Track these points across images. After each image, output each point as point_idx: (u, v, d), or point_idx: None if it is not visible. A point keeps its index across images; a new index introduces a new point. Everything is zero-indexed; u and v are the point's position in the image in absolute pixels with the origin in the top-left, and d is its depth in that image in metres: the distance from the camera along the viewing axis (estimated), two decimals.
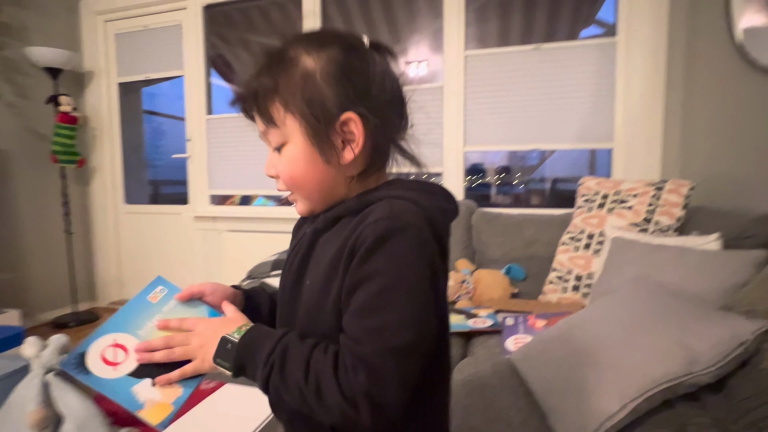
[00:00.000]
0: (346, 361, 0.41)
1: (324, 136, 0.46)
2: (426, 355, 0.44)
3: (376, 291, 0.41)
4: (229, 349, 0.45)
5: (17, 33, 2.51)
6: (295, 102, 0.46)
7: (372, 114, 0.46)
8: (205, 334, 0.48)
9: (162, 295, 0.52)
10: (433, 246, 0.45)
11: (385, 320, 0.41)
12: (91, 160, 2.95)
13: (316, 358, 0.42)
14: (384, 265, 0.42)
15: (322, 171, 0.48)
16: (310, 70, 0.46)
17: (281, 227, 2.52)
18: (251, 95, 0.49)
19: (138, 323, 0.50)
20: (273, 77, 0.47)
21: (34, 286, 2.60)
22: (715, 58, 1.61)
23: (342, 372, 0.40)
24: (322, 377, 0.41)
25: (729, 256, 0.96)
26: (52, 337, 0.64)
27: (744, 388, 0.67)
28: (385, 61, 0.50)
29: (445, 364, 0.52)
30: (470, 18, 2.23)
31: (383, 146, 0.50)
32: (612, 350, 0.79)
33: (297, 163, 0.48)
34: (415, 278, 0.42)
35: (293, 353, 0.43)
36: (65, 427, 0.61)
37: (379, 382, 0.39)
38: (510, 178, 2.86)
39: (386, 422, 0.41)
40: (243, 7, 2.76)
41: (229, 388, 0.86)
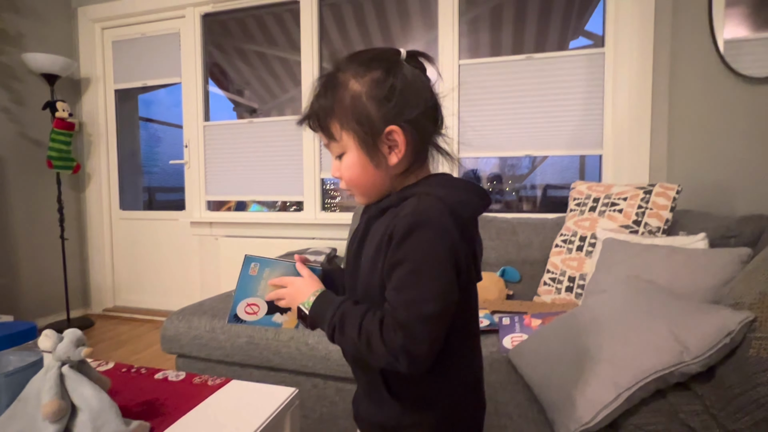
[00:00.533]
0: (388, 324, 0.53)
1: (372, 146, 0.57)
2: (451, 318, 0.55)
3: (407, 272, 0.53)
4: (305, 311, 0.62)
5: (14, 39, 2.53)
6: (348, 121, 0.57)
7: (410, 124, 0.56)
8: (293, 288, 0.66)
9: (258, 267, 0.69)
10: (454, 234, 0.54)
11: (414, 295, 0.52)
12: (86, 167, 2.95)
13: (367, 320, 0.55)
14: (411, 252, 0.53)
15: (373, 173, 0.59)
16: (357, 93, 0.56)
17: (276, 232, 2.54)
18: (314, 116, 0.60)
19: (254, 289, 0.70)
20: (329, 101, 0.58)
21: (28, 292, 2.58)
22: (698, 68, 1.68)
23: (385, 332, 0.52)
24: (372, 335, 0.53)
25: (715, 255, 1.01)
26: (66, 331, 0.65)
27: (731, 376, 0.70)
28: (421, 72, 0.59)
29: (469, 326, 0.64)
30: (463, 29, 2.30)
31: (422, 148, 0.60)
32: (606, 345, 0.83)
33: (354, 169, 0.60)
34: (437, 261, 0.53)
35: (349, 316, 0.56)
36: (80, 417, 0.62)
37: (413, 340, 0.51)
38: (502, 186, 2.91)
39: (419, 369, 0.53)
40: (240, 17, 2.80)
41: (235, 384, 0.87)
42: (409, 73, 0.57)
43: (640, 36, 1.95)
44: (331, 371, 1.26)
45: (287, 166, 2.59)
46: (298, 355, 1.30)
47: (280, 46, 2.89)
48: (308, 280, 0.65)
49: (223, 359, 1.41)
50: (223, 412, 0.77)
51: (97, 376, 0.68)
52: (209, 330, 1.41)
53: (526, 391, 0.91)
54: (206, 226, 2.72)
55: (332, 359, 1.25)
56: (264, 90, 3.43)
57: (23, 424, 0.60)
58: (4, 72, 2.47)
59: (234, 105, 3.41)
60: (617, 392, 0.74)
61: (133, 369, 0.92)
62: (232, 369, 1.42)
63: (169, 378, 0.88)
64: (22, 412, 0.61)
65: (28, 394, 0.62)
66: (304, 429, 1.36)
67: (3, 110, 2.47)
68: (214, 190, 2.76)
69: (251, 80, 3.31)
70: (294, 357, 1.31)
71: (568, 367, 0.83)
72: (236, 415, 0.76)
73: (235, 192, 2.74)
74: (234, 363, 1.41)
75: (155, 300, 2.92)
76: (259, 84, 3.35)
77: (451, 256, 0.53)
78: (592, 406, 0.74)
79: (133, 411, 0.74)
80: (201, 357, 1.44)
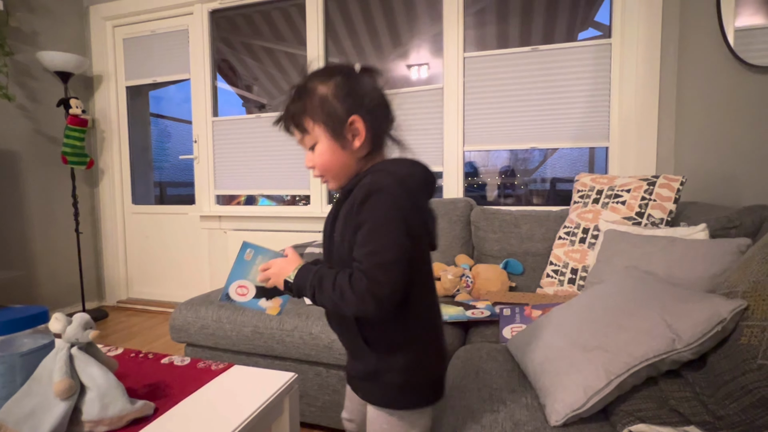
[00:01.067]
0: (355, 275, 0.64)
1: (340, 134, 0.70)
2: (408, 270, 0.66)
3: (367, 230, 0.65)
4: (291, 282, 0.71)
5: (29, 38, 2.59)
6: (319, 115, 0.70)
7: (368, 114, 0.71)
8: (277, 267, 0.74)
9: (252, 253, 0.77)
10: (404, 199, 0.67)
11: (373, 247, 0.64)
12: (99, 162, 3.02)
13: (339, 277, 0.66)
14: (368, 214, 0.65)
15: (341, 156, 0.72)
16: (324, 94, 0.70)
17: (283, 226, 2.58)
18: (288, 117, 0.74)
19: (246, 272, 0.77)
20: (302, 102, 0.71)
21: (43, 284, 2.67)
22: (706, 58, 1.66)
23: (354, 282, 0.64)
24: (343, 287, 0.64)
25: (714, 245, 1.01)
26: (75, 315, 0.69)
27: (722, 363, 0.71)
28: (373, 78, 0.74)
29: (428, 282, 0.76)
30: (469, 22, 2.29)
31: (378, 135, 0.74)
32: (599, 332, 0.84)
33: (325, 155, 0.72)
34: (390, 219, 0.65)
35: (325, 277, 0.67)
36: (88, 396, 0.66)
37: (376, 284, 0.63)
38: (512, 180, 2.91)
39: (385, 309, 0.65)
40: (247, 13, 2.83)
41: (237, 369, 0.90)
42: (363, 79, 0.72)
43: (648, 26, 1.93)
44: (333, 360, 1.29)
45: (294, 160, 2.62)
46: (301, 344, 1.33)
47: (287, 41, 2.92)
48: (290, 258, 0.74)
49: (229, 348, 1.45)
50: (225, 394, 0.80)
51: (104, 358, 0.72)
52: (216, 320, 1.45)
53: (521, 379, 0.93)
54: (215, 220, 2.77)
55: (335, 348, 1.28)
56: (272, 85, 3.46)
57: (37, 400, 0.64)
58: (19, 70, 2.54)
59: (243, 100, 3.45)
60: (608, 379, 0.75)
61: (141, 354, 0.96)
62: (239, 357, 1.46)
63: (174, 363, 0.92)
64: (36, 390, 0.65)
65: (41, 374, 0.66)
66: (308, 417, 1.40)
67: (19, 107, 2.54)
68: (222, 185, 2.81)
69: (259, 76, 3.35)
70: (298, 346, 1.34)
71: (561, 354, 0.85)
72: (237, 397, 0.79)
73: (243, 186, 2.78)
74: (240, 352, 1.45)
75: (167, 292, 2.99)
76: (267, 79, 3.38)
77: (402, 215, 0.65)
78: (584, 392, 0.76)
79: (139, 392, 0.77)
80: (208, 346, 1.49)
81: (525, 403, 0.83)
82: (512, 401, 0.84)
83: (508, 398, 0.85)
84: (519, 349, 1.00)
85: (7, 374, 0.68)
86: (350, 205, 0.68)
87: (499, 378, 0.93)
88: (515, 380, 0.92)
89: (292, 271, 0.71)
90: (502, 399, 0.85)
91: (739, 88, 1.44)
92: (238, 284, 0.78)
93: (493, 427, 0.76)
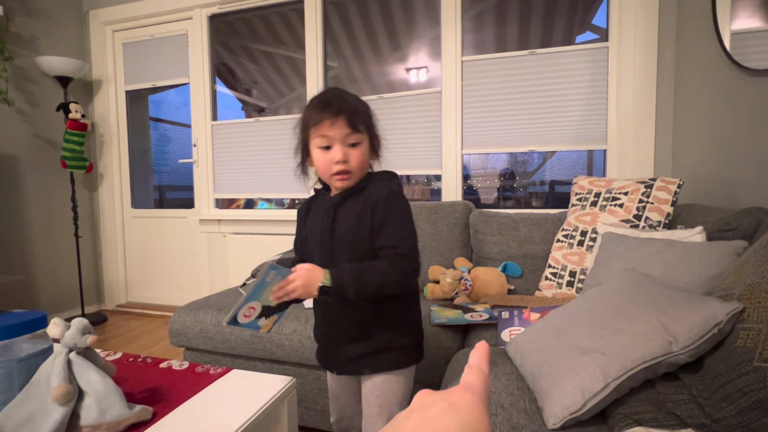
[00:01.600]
0: (394, 258, 0.83)
1: (372, 145, 0.91)
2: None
3: (395, 222, 0.85)
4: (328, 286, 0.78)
5: (28, 43, 2.60)
6: (367, 123, 0.89)
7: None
8: (303, 279, 0.78)
9: (273, 275, 0.78)
10: (407, 200, 0.89)
11: (406, 234, 0.86)
12: (99, 166, 3.03)
13: (379, 265, 0.82)
14: (393, 211, 0.86)
15: (367, 162, 0.91)
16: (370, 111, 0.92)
17: (282, 229, 2.58)
18: (353, 109, 0.86)
19: (261, 294, 0.78)
20: (359, 105, 0.89)
21: (43, 288, 2.67)
22: (702, 62, 1.67)
23: (396, 263, 0.83)
24: (387, 270, 0.82)
25: (711, 247, 1.01)
26: (74, 320, 0.69)
27: (718, 365, 0.71)
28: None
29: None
30: (467, 25, 2.30)
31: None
32: (597, 335, 0.84)
33: (363, 157, 0.88)
34: (408, 214, 0.88)
35: (365, 270, 0.81)
36: (86, 401, 0.66)
37: (414, 261, 0.85)
38: (512, 182, 2.91)
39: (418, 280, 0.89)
40: (246, 17, 2.84)
41: (235, 373, 0.90)
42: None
43: (645, 29, 1.94)
44: None
45: (293, 163, 2.61)
46: (300, 348, 1.33)
47: (286, 45, 2.93)
48: (312, 268, 0.79)
49: (228, 352, 1.45)
50: (223, 398, 0.80)
51: (102, 362, 0.72)
52: (215, 324, 1.45)
53: (519, 382, 0.93)
54: (214, 224, 2.77)
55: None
56: (271, 89, 3.47)
57: (35, 405, 0.64)
58: (19, 75, 2.55)
59: (242, 104, 3.46)
60: (606, 381, 0.75)
61: (140, 359, 0.96)
62: (237, 361, 1.46)
63: (173, 367, 0.92)
64: (34, 395, 0.65)
65: (39, 379, 0.66)
66: (307, 420, 1.40)
67: (18, 112, 2.55)
68: (222, 189, 2.81)
69: (259, 79, 3.35)
70: (296, 350, 1.34)
71: (559, 357, 0.85)
72: (236, 401, 0.79)
73: (242, 190, 2.78)
74: (239, 355, 1.45)
75: (166, 296, 2.99)
76: (267, 83, 3.39)
77: (410, 211, 0.88)
78: (582, 395, 0.76)
79: (138, 397, 0.77)
80: (207, 350, 1.49)
81: (523, 407, 0.83)
82: (510, 404, 0.84)
83: (506, 401, 0.85)
84: (517, 352, 1.00)
85: (5, 379, 0.68)
86: (364, 204, 0.86)
87: (497, 381, 0.93)
88: (513, 383, 0.92)
89: (324, 277, 0.78)
90: (500, 402, 0.85)
91: (735, 91, 1.45)
92: (249, 305, 0.78)
93: (492, 431, 0.76)
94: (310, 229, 0.96)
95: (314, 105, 0.88)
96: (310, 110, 0.88)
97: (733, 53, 1.47)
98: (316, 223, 0.93)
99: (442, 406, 0.21)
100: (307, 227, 0.97)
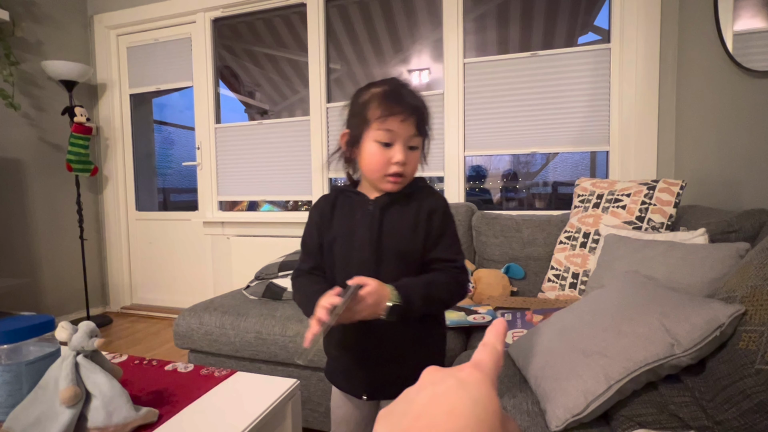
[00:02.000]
0: (452, 270, 0.82)
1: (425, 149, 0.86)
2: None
3: (452, 236, 0.84)
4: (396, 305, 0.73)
5: (34, 47, 2.63)
6: (427, 127, 0.83)
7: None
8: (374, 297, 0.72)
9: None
10: None
11: (459, 247, 0.86)
12: (103, 169, 3.05)
13: (440, 279, 0.81)
14: (450, 224, 0.85)
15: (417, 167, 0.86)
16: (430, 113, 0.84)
17: (285, 231, 2.60)
18: (423, 116, 0.82)
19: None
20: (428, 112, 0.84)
21: (48, 291, 2.69)
22: (705, 63, 1.66)
23: (457, 276, 0.83)
24: (451, 284, 0.82)
25: (714, 249, 1.01)
26: (81, 323, 0.70)
27: (721, 368, 0.71)
28: None
29: None
30: (469, 27, 2.31)
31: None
32: (599, 338, 0.84)
33: (417, 163, 0.83)
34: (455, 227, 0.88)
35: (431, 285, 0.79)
36: (93, 403, 0.67)
37: (467, 274, 0.89)
38: (514, 184, 2.91)
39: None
40: (249, 20, 2.86)
41: (240, 375, 0.91)
42: None
43: (647, 30, 1.94)
44: None
45: (296, 166, 2.64)
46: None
47: (289, 48, 2.94)
48: (378, 284, 0.72)
49: (232, 354, 1.46)
50: (228, 400, 0.81)
51: (109, 365, 0.73)
52: (219, 326, 1.46)
53: (522, 384, 0.93)
54: (218, 226, 2.79)
55: None
56: (274, 91, 3.49)
57: (43, 408, 0.65)
58: (24, 79, 2.57)
59: (245, 107, 3.47)
60: (608, 384, 0.75)
61: (145, 361, 0.97)
62: (242, 363, 1.47)
63: (178, 369, 0.93)
64: (42, 398, 0.66)
65: (47, 382, 0.67)
66: (311, 422, 1.40)
67: (24, 116, 2.57)
68: (225, 191, 2.83)
69: (262, 82, 3.37)
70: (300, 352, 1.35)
71: (561, 359, 0.85)
72: (240, 403, 0.80)
73: (246, 192, 2.80)
74: (243, 358, 1.46)
75: (171, 298, 3.01)
76: (270, 86, 3.41)
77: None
78: (584, 397, 0.76)
79: (144, 399, 0.78)
80: (212, 352, 1.50)
81: (526, 409, 0.84)
82: (513, 407, 0.85)
83: (509, 404, 0.85)
84: (520, 354, 1.01)
85: (13, 382, 0.69)
86: (416, 213, 0.82)
87: (500, 384, 0.94)
88: (516, 386, 0.92)
89: (391, 294, 0.73)
90: (503, 405, 0.85)
91: (737, 92, 1.45)
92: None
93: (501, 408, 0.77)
94: (340, 233, 0.84)
95: (385, 95, 0.78)
96: (378, 100, 0.78)
97: (735, 54, 1.47)
98: (352, 227, 0.83)
99: (452, 382, 0.21)
100: (335, 229, 0.85)
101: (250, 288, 1.70)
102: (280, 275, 1.70)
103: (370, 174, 0.82)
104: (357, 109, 0.81)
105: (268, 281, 1.68)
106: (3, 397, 0.69)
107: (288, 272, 1.70)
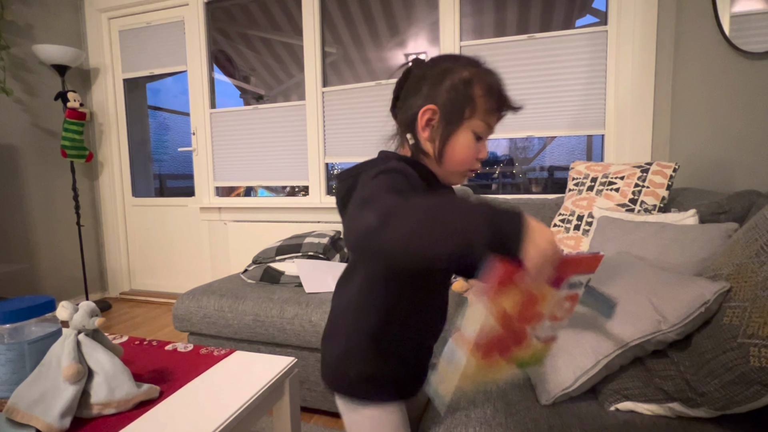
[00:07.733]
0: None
1: None
2: None
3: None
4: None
5: (24, 31, 2.58)
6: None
7: None
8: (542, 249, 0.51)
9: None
10: None
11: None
12: (98, 155, 3.04)
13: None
14: None
15: None
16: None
17: (282, 216, 2.61)
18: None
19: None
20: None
21: (46, 277, 2.70)
22: (701, 45, 1.66)
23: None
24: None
25: (703, 230, 1.03)
26: (81, 303, 0.71)
27: (705, 342, 0.73)
28: None
29: None
30: (466, 9, 2.28)
31: None
32: (588, 314, 0.86)
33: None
34: None
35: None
36: (96, 380, 0.68)
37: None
38: (511, 168, 2.92)
39: None
40: (243, 3, 2.82)
41: (239, 354, 0.93)
42: None
43: (644, 13, 1.92)
44: None
45: (293, 151, 2.63)
46: (301, 331, 1.37)
47: (283, 31, 2.91)
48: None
49: (231, 336, 1.48)
50: (227, 378, 0.83)
51: (110, 344, 0.74)
52: (218, 309, 1.48)
53: None
54: (215, 212, 2.79)
55: None
56: (270, 76, 3.45)
57: (47, 385, 0.66)
58: (16, 64, 2.54)
59: (241, 92, 3.44)
60: (596, 359, 0.78)
61: (145, 341, 0.99)
62: (240, 345, 1.49)
63: (177, 349, 0.94)
64: (45, 375, 0.67)
65: (50, 360, 0.68)
66: (309, 402, 1.44)
67: (16, 101, 2.55)
68: (221, 177, 2.83)
69: (257, 66, 3.34)
70: (298, 333, 1.37)
71: None
72: (239, 380, 0.82)
73: (242, 178, 2.80)
74: (242, 340, 1.48)
75: (169, 283, 3.03)
76: (265, 70, 3.37)
77: None
78: (573, 372, 0.79)
79: (145, 377, 0.80)
80: (211, 335, 1.52)
81: (517, 384, 0.86)
82: (505, 382, 0.87)
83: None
84: None
85: (17, 360, 0.71)
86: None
87: None
88: None
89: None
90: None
91: (733, 75, 1.45)
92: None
93: (486, 406, 0.79)
94: None
95: (498, 89, 0.68)
96: (494, 90, 0.68)
97: (732, 36, 1.47)
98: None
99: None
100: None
101: (248, 272, 1.72)
102: (278, 259, 1.71)
103: (454, 165, 0.70)
104: (455, 85, 0.67)
105: (265, 265, 1.69)
106: (7, 375, 0.71)
107: (285, 256, 1.71)
